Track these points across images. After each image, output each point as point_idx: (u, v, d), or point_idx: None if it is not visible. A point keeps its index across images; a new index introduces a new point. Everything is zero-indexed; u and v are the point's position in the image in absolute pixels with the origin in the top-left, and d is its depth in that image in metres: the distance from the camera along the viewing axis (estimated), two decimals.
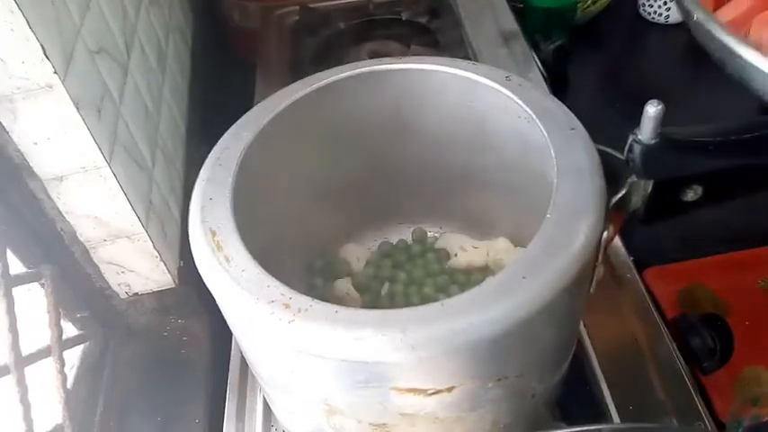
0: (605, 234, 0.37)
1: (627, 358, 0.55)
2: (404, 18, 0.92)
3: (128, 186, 0.52)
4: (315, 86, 0.47)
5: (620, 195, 0.39)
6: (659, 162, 0.38)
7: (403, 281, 0.58)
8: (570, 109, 0.43)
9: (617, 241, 0.63)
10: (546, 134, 0.41)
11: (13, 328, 0.47)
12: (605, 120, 0.55)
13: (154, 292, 0.61)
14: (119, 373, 0.59)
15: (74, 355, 0.59)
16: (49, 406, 0.51)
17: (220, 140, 0.44)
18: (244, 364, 0.57)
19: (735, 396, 0.58)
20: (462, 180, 0.56)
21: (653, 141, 0.38)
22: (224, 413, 0.54)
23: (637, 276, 0.61)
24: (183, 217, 0.66)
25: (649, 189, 0.38)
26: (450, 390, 0.35)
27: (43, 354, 0.51)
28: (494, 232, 0.58)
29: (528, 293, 0.33)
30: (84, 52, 0.48)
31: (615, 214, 0.39)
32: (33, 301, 0.52)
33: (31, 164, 0.47)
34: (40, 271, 0.52)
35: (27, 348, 0.49)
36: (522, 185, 0.50)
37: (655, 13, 1.07)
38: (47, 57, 0.42)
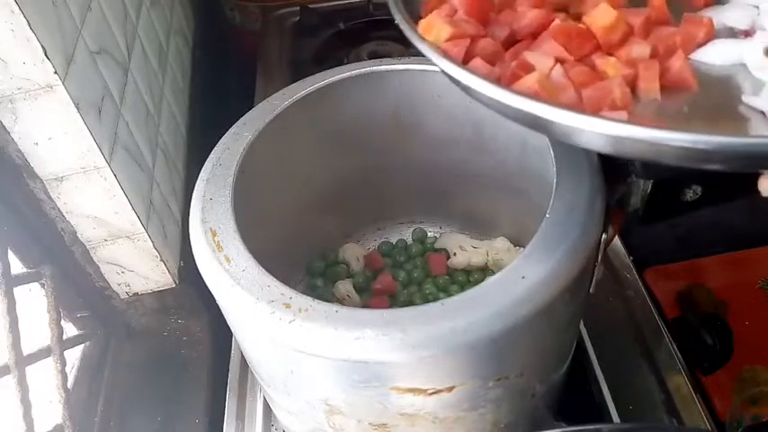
0: (605, 234, 0.37)
1: (627, 358, 0.55)
2: None
3: (128, 186, 0.52)
4: (315, 86, 0.47)
5: (619, 195, 0.39)
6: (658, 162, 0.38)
7: (403, 281, 0.58)
8: None
9: (617, 241, 0.63)
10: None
11: (14, 328, 0.47)
12: None
13: (154, 292, 0.61)
14: (119, 372, 0.59)
15: (74, 356, 0.59)
16: (49, 406, 0.51)
17: (220, 140, 0.44)
18: (244, 364, 0.57)
19: (734, 396, 0.58)
20: (462, 180, 0.56)
21: None
22: (224, 413, 0.54)
23: (637, 276, 0.61)
24: (184, 217, 0.66)
25: (649, 189, 0.38)
26: (450, 389, 0.35)
27: (43, 354, 0.51)
28: (494, 232, 0.58)
29: (528, 293, 0.33)
30: (84, 53, 0.48)
31: (615, 214, 0.39)
32: (33, 301, 0.53)
33: (31, 164, 0.48)
34: (41, 271, 0.52)
35: (27, 348, 0.49)
36: (522, 185, 0.50)
37: None
38: (47, 57, 0.42)
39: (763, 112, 0.29)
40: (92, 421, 0.56)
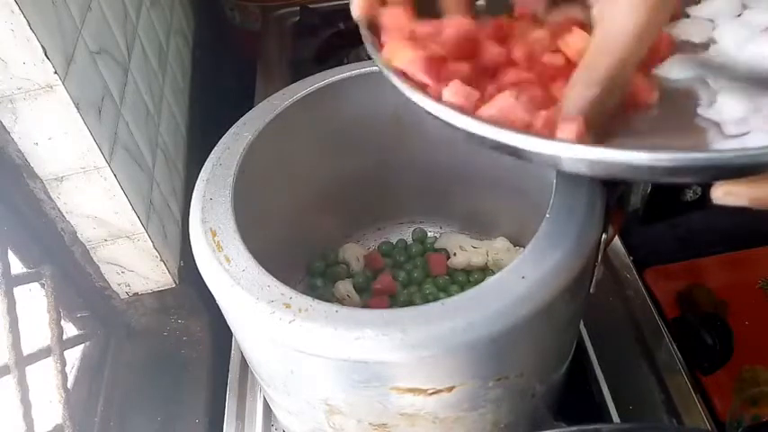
0: (605, 234, 0.37)
1: (627, 358, 0.55)
2: None
3: (128, 186, 0.52)
4: (315, 86, 0.47)
5: (619, 195, 0.39)
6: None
7: (403, 281, 0.58)
8: None
9: (617, 241, 0.63)
10: None
11: (14, 328, 0.47)
12: None
13: (154, 292, 0.61)
14: (119, 373, 0.59)
15: (74, 356, 0.59)
16: (49, 406, 0.51)
17: (220, 140, 0.44)
18: (244, 364, 0.57)
19: (734, 396, 0.58)
20: (462, 180, 0.56)
21: None
22: (224, 413, 0.54)
23: (637, 276, 0.61)
24: (184, 217, 0.66)
25: (649, 189, 0.38)
26: (450, 390, 0.35)
27: (43, 354, 0.51)
28: (494, 232, 0.58)
29: (528, 293, 0.33)
30: (84, 53, 0.48)
31: (615, 214, 0.39)
32: (33, 301, 0.53)
33: (31, 164, 0.48)
34: (41, 271, 0.52)
35: (27, 348, 0.49)
36: (522, 185, 0.50)
37: None
38: (47, 57, 0.42)
39: (718, 124, 0.29)
40: (92, 421, 0.56)
